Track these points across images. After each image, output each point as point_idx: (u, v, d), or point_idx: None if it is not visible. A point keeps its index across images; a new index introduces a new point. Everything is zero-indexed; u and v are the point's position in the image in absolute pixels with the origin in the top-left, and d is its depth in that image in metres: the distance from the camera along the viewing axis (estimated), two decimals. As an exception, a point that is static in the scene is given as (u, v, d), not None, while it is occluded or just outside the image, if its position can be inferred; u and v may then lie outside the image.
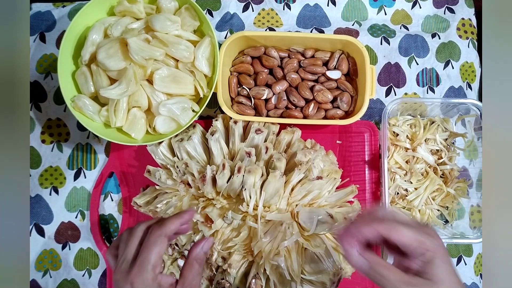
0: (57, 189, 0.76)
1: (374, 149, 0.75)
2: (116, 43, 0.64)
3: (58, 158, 0.77)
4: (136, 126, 0.67)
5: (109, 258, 0.49)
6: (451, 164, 0.74)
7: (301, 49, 0.73)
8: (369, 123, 0.76)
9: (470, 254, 0.75)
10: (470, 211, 0.73)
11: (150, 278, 0.44)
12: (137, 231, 0.47)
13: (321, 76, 0.73)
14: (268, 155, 0.66)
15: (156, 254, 0.45)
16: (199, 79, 0.68)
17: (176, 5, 0.69)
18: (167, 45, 0.66)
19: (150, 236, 0.46)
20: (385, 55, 0.80)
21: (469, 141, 0.74)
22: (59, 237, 0.75)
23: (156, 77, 0.65)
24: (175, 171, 0.66)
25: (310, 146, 0.70)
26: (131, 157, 0.75)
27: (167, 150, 0.70)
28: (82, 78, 0.67)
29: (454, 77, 0.80)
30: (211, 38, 0.68)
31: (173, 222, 0.47)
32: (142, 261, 0.44)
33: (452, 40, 0.81)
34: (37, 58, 0.80)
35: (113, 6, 0.69)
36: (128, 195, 0.74)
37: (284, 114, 0.72)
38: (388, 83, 0.79)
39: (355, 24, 0.82)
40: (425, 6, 0.83)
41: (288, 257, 0.62)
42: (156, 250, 0.45)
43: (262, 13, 0.82)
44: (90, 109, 0.66)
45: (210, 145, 0.66)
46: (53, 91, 0.79)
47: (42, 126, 0.78)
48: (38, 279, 0.74)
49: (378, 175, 0.74)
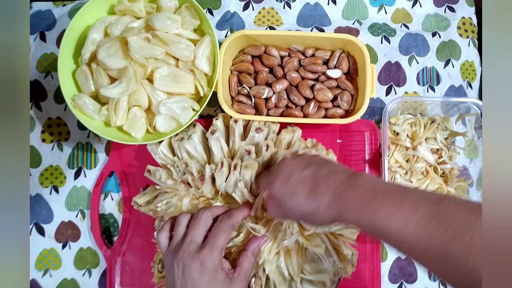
0: (57, 188, 0.76)
1: (375, 148, 0.75)
2: (116, 42, 0.64)
3: (58, 157, 0.77)
4: (136, 125, 0.67)
5: (161, 239, 0.56)
6: (452, 163, 0.74)
7: (302, 48, 0.73)
8: (369, 122, 0.76)
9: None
10: (470, 210, 0.73)
11: (217, 259, 0.51)
12: (203, 218, 0.55)
13: (322, 75, 0.73)
14: (269, 152, 0.66)
15: (224, 239, 0.53)
16: (199, 78, 0.68)
17: (177, 4, 0.69)
18: (167, 44, 0.66)
19: (221, 224, 0.54)
20: (386, 54, 0.80)
21: (469, 140, 0.74)
22: (59, 236, 0.75)
23: (156, 76, 0.65)
24: (175, 171, 0.66)
25: (310, 145, 0.70)
26: (132, 156, 0.75)
27: (167, 150, 0.70)
28: (83, 77, 0.67)
29: (455, 76, 0.79)
30: (211, 37, 0.68)
31: (239, 215, 0.57)
32: (213, 243, 0.52)
33: (452, 39, 0.81)
34: (37, 57, 0.80)
35: (113, 5, 0.69)
36: (128, 195, 0.74)
37: (285, 113, 0.72)
38: (388, 82, 0.79)
39: (356, 23, 0.82)
40: (425, 5, 0.83)
41: (288, 257, 0.62)
42: (224, 236, 0.53)
43: (262, 12, 0.82)
44: (90, 108, 0.66)
45: (210, 144, 0.66)
46: (54, 90, 0.78)
47: (42, 125, 0.78)
48: (38, 278, 0.74)
49: (379, 174, 0.74)
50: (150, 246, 0.72)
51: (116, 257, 0.73)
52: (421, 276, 0.74)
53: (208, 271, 0.50)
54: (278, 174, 0.53)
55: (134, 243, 0.73)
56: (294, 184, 0.50)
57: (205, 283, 0.49)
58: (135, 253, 0.73)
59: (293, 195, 0.49)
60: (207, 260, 0.50)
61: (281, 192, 0.51)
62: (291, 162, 0.54)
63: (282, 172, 0.53)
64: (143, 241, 0.73)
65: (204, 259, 0.50)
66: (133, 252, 0.73)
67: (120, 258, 0.73)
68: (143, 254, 0.73)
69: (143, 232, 0.73)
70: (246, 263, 0.55)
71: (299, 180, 0.50)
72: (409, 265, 0.74)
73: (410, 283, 0.74)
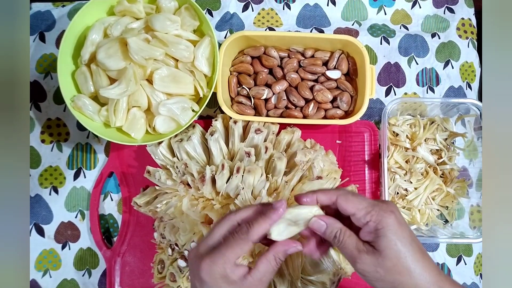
0: (57, 189, 0.76)
1: (374, 149, 0.75)
2: (115, 43, 0.64)
3: (58, 158, 0.77)
4: (135, 126, 0.67)
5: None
6: (451, 164, 0.74)
7: (301, 49, 0.73)
8: (369, 123, 0.76)
9: (470, 254, 0.75)
10: (470, 211, 0.73)
11: (218, 273, 0.43)
12: (223, 223, 0.47)
13: (321, 76, 0.73)
14: (268, 154, 0.66)
15: (233, 253, 0.44)
16: (199, 79, 0.68)
17: (176, 5, 0.69)
18: (167, 44, 0.66)
19: (236, 235, 0.45)
20: (385, 55, 0.80)
21: (469, 141, 0.74)
22: (59, 237, 0.75)
23: (156, 77, 0.65)
24: (175, 172, 0.66)
25: (310, 146, 0.70)
26: (131, 157, 0.75)
27: (167, 151, 0.70)
28: (82, 78, 0.67)
29: (454, 77, 0.80)
30: (211, 38, 0.68)
31: (262, 226, 0.45)
32: (218, 253, 0.44)
33: (452, 40, 0.81)
34: (37, 58, 0.80)
35: (113, 6, 0.69)
36: (128, 195, 0.74)
37: (284, 114, 0.72)
38: (388, 83, 0.79)
39: (355, 24, 0.82)
40: (425, 6, 0.83)
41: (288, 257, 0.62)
42: (235, 249, 0.44)
43: (262, 12, 0.82)
44: (89, 109, 0.66)
45: (210, 145, 0.66)
46: (53, 91, 0.78)
47: (42, 126, 0.78)
48: (38, 279, 0.74)
49: (378, 175, 0.74)
50: (150, 246, 0.72)
51: (115, 258, 0.73)
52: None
53: (206, 283, 0.44)
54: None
55: (134, 244, 0.73)
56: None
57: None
58: (135, 253, 0.73)
59: None
60: (204, 270, 0.44)
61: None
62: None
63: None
64: (143, 242, 0.73)
65: (201, 268, 0.44)
66: (133, 252, 0.73)
67: (119, 259, 0.73)
68: (142, 254, 0.73)
69: (143, 232, 0.73)
70: (264, 266, 0.45)
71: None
72: (409, 266, 0.74)
73: (409, 283, 0.74)
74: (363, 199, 0.45)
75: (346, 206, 0.44)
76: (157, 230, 0.70)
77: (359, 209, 0.44)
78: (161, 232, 0.68)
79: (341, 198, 0.45)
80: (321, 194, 0.46)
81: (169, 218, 0.66)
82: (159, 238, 0.69)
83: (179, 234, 0.64)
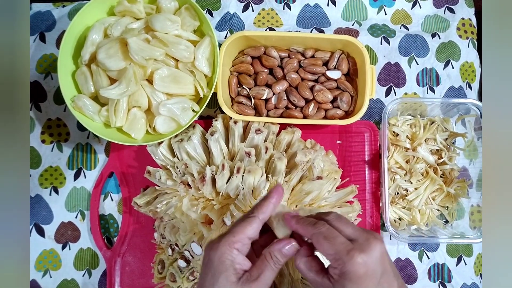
0: (57, 189, 0.76)
1: (374, 149, 0.75)
2: (116, 43, 0.64)
3: (58, 158, 0.77)
4: (136, 126, 0.67)
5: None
6: (451, 164, 0.74)
7: (301, 49, 0.73)
8: (369, 123, 0.76)
9: (470, 254, 0.75)
10: (470, 211, 0.73)
11: (223, 252, 0.43)
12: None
13: (321, 76, 0.73)
14: (268, 155, 0.66)
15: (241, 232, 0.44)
16: (199, 79, 0.68)
17: (176, 5, 0.69)
18: (167, 45, 0.66)
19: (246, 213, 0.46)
20: (385, 55, 0.80)
21: (469, 141, 0.74)
22: (59, 237, 0.75)
23: (156, 77, 0.65)
24: (175, 172, 0.66)
25: (310, 146, 0.70)
26: (131, 157, 0.75)
27: (167, 151, 0.70)
28: (82, 78, 0.67)
29: (454, 77, 0.80)
30: (211, 38, 0.68)
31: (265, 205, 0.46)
32: (228, 233, 0.44)
33: (452, 40, 0.81)
34: (37, 58, 0.80)
35: (113, 6, 0.69)
36: (128, 195, 0.74)
37: (284, 114, 0.72)
38: (388, 83, 0.79)
39: (355, 24, 0.82)
40: (425, 6, 0.83)
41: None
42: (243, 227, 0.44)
43: (262, 13, 0.82)
44: (90, 109, 0.66)
45: (210, 145, 0.66)
46: (53, 91, 0.79)
47: (42, 126, 0.78)
48: (38, 279, 0.74)
49: (378, 175, 0.74)
50: (150, 247, 0.72)
51: (116, 258, 0.73)
52: (421, 277, 0.74)
53: (212, 264, 0.43)
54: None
55: (134, 244, 0.73)
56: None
57: (208, 279, 0.43)
58: (135, 253, 0.73)
59: None
60: (211, 251, 0.43)
61: None
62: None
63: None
64: (143, 242, 0.73)
65: (211, 247, 0.44)
66: (133, 253, 0.73)
67: (120, 259, 0.73)
68: (143, 255, 0.73)
69: (143, 232, 0.73)
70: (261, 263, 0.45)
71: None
72: (409, 266, 0.74)
73: (410, 283, 0.74)
74: (334, 243, 0.42)
75: (318, 248, 0.44)
76: (157, 230, 0.70)
77: (328, 254, 0.43)
78: (161, 232, 0.68)
79: (314, 239, 0.44)
80: (300, 228, 0.46)
81: (169, 218, 0.66)
82: (159, 238, 0.69)
83: (179, 234, 0.65)
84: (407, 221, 0.73)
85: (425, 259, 0.75)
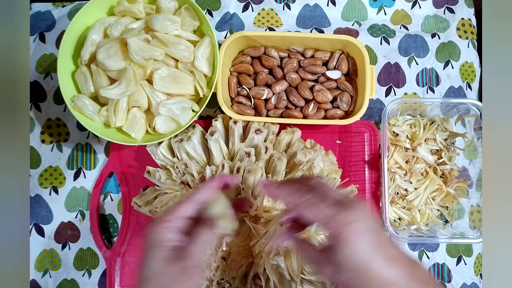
0: (56, 189, 0.76)
1: (374, 149, 0.75)
2: (116, 43, 0.64)
3: (58, 158, 0.77)
4: (136, 126, 0.67)
5: None
6: (451, 164, 0.74)
7: (301, 49, 0.73)
8: (369, 123, 0.76)
9: (470, 254, 0.75)
10: (470, 211, 0.73)
11: (155, 231, 0.45)
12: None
13: (321, 76, 0.73)
14: (268, 155, 0.66)
15: (171, 212, 0.46)
16: (199, 79, 0.68)
17: (176, 5, 0.69)
18: (167, 45, 0.66)
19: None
20: (385, 55, 0.80)
21: (469, 141, 0.74)
22: (59, 237, 0.75)
23: (156, 77, 0.65)
24: (175, 172, 0.66)
25: (310, 146, 0.70)
26: (131, 157, 0.75)
27: (167, 151, 0.70)
28: (82, 78, 0.67)
29: (454, 77, 0.80)
30: (211, 38, 0.68)
31: (202, 188, 0.48)
32: (162, 213, 0.46)
33: (452, 40, 0.81)
34: (37, 58, 0.80)
35: (113, 6, 0.69)
36: (128, 195, 0.74)
37: (284, 114, 0.72)
38: (388, 83, 0.79)
39: (355, 24, 0.82)
40: (425, 6, 0.83)
41: (288, 257, 0.62)
42: (176, 207, 0.46)
43: (262, 13, 0.82)
44: (90, 109, 0.66)
45: (210, 145, 0.66)
46: (53, 91, 0.79)
47: (42, 126, 0.78)
48: (38, 279, 0.74)
49: (378, 175, 0.74)
50: (150, 247, 0.72)
51: (115, 258, 0.73)
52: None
53: (146, 243, 0.45)
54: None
55: (134, 244, 0.73)
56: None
57: (143, 256, 0.45)
58: (135, 253, 0.73)
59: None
60: (146, 231, 0.46)
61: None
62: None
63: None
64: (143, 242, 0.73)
65: (147, 228, 0.46)
66: (132, 252, 0.73)
67: (119, 259, 0.73)
68: (142, 255, 0.73)
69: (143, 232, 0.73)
70: (191, 243, 0.45)
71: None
72: (409, 266, 0.74)
73: (409, 284, 0.74)
74: (320, 209, 0.42)
75: (305, 215, 0.43)
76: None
77: (316, 220, 0.42)
78: (161, 232, 0.68)
79: (301, 207, 0.43)
80: (282, 195, 0.46)
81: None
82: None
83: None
84: (407, 221, 0.73)
85: (425, 259, 0.75)
